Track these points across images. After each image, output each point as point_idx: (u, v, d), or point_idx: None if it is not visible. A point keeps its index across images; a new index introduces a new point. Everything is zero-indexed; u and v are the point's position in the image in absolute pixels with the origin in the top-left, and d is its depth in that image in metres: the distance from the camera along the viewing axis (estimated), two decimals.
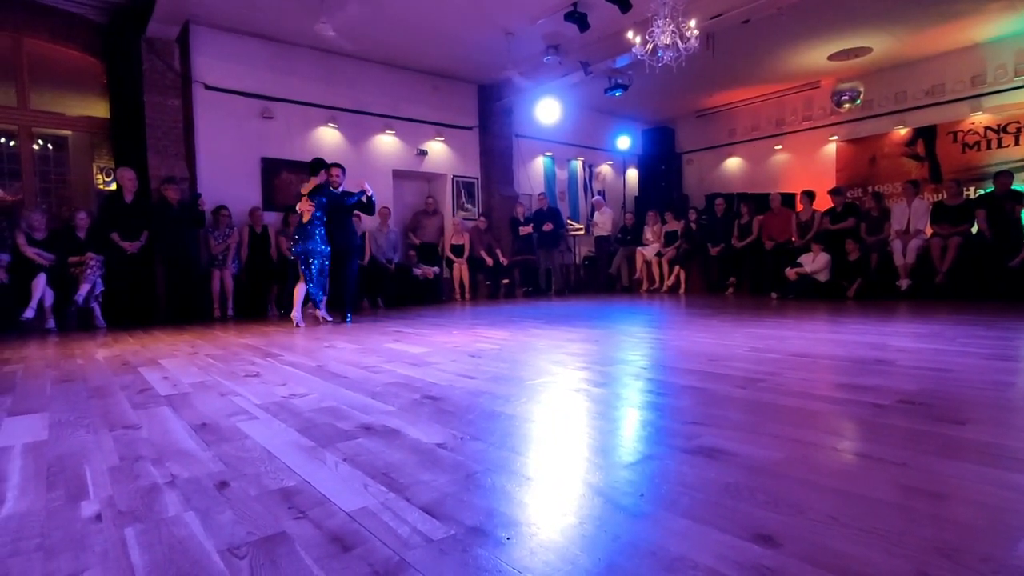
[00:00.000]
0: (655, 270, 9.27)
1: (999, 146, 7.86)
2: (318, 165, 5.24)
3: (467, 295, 8.55)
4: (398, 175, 8.53)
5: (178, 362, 3.40)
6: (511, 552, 1.06)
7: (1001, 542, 1.03)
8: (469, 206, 9.25)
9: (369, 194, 5.44)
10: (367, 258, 7.49)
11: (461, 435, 1.79)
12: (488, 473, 1.47)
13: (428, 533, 1.14)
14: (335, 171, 5.37)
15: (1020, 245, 6.00)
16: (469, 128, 9.19)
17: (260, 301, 6.68)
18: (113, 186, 6.34)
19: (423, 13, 6.59)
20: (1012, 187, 6.42)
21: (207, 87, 6.71)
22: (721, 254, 8.49)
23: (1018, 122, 7.69)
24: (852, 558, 1.00)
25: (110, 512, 1.30)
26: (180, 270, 6.15)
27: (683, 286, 8.86)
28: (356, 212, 5.95)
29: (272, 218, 7.05)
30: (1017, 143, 7.70)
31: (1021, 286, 5.91)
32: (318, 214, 5.16)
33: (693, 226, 9.04)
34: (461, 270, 8.51)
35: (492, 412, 2.08)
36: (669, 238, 9.23)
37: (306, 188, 5.16)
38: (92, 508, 1.33)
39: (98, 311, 5.75)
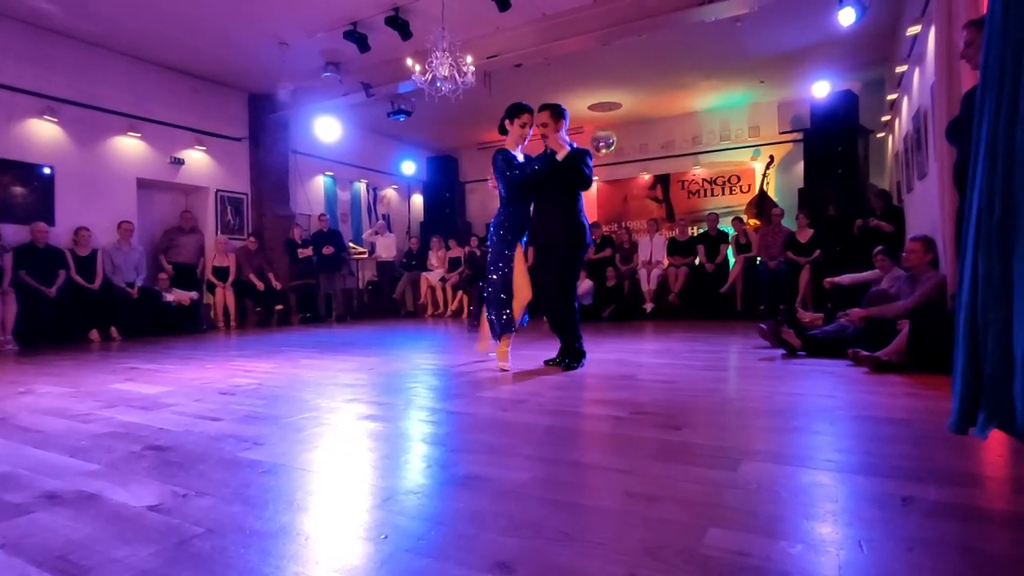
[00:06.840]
0: (439, 295, 9.40)
1: (712, 195, 9.74)
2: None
3: (233, 323, 7.65)
4: (145, 184, 7.32)
5: None
6: None
7: (695, 534, 1.17)
8: (236, 224, 8.34)
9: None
10: (98, 281, 6.24)
11: (185, 491, 1.51)
12: (210, 536, 1.25)
13: None
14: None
15: (727, 274, 7.47)
16: (237, 139, 8.34)
17: None
18: None
19: (176, 2, 5.81)
20: (718, 227, 7.97)
21: None
22: None
23: (724, 176, 9.64)
24: (577, 571, 1.04)
25: None
26: None
27: (466, 311, 9.12)
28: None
29: None
30: (724, 193, 9.63)
31: (728, 307, 7.34)
32: None
33: (476, 252, 9.40)
34: (225, 295, 7.59)
35: (232, 459, 1.81)
36: (453, 264, 9.46)
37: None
38: None
39: None
